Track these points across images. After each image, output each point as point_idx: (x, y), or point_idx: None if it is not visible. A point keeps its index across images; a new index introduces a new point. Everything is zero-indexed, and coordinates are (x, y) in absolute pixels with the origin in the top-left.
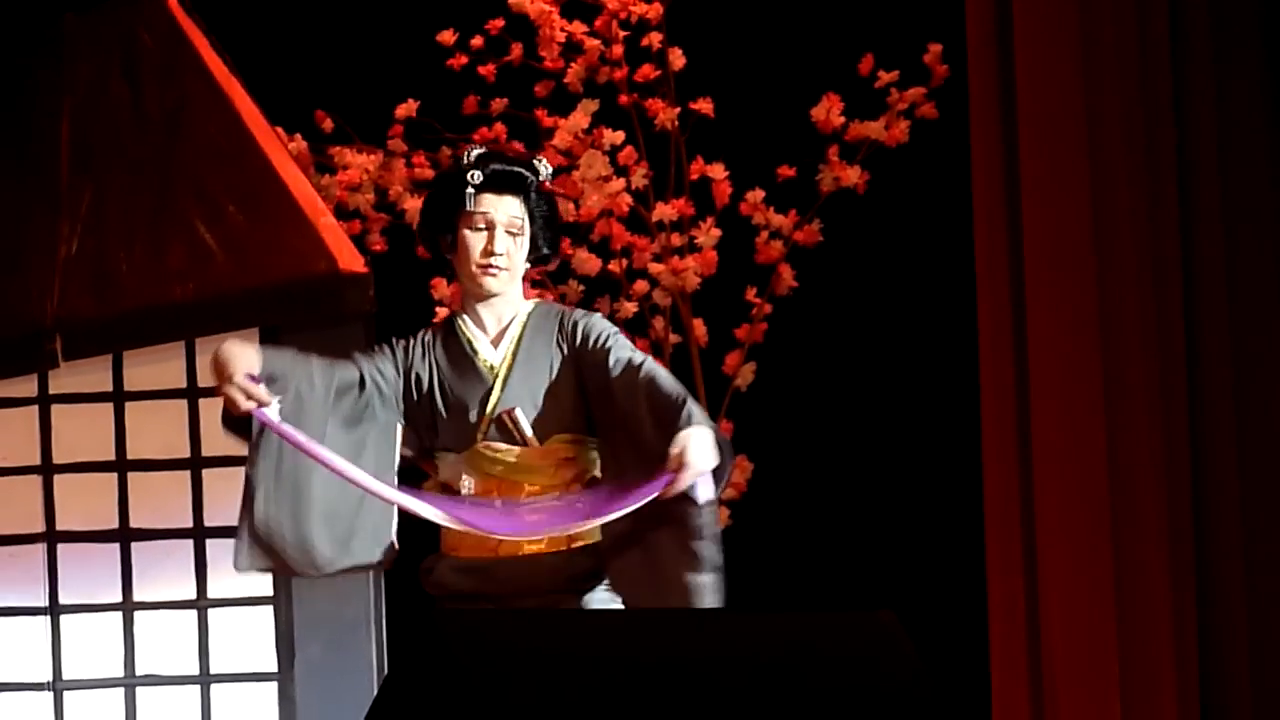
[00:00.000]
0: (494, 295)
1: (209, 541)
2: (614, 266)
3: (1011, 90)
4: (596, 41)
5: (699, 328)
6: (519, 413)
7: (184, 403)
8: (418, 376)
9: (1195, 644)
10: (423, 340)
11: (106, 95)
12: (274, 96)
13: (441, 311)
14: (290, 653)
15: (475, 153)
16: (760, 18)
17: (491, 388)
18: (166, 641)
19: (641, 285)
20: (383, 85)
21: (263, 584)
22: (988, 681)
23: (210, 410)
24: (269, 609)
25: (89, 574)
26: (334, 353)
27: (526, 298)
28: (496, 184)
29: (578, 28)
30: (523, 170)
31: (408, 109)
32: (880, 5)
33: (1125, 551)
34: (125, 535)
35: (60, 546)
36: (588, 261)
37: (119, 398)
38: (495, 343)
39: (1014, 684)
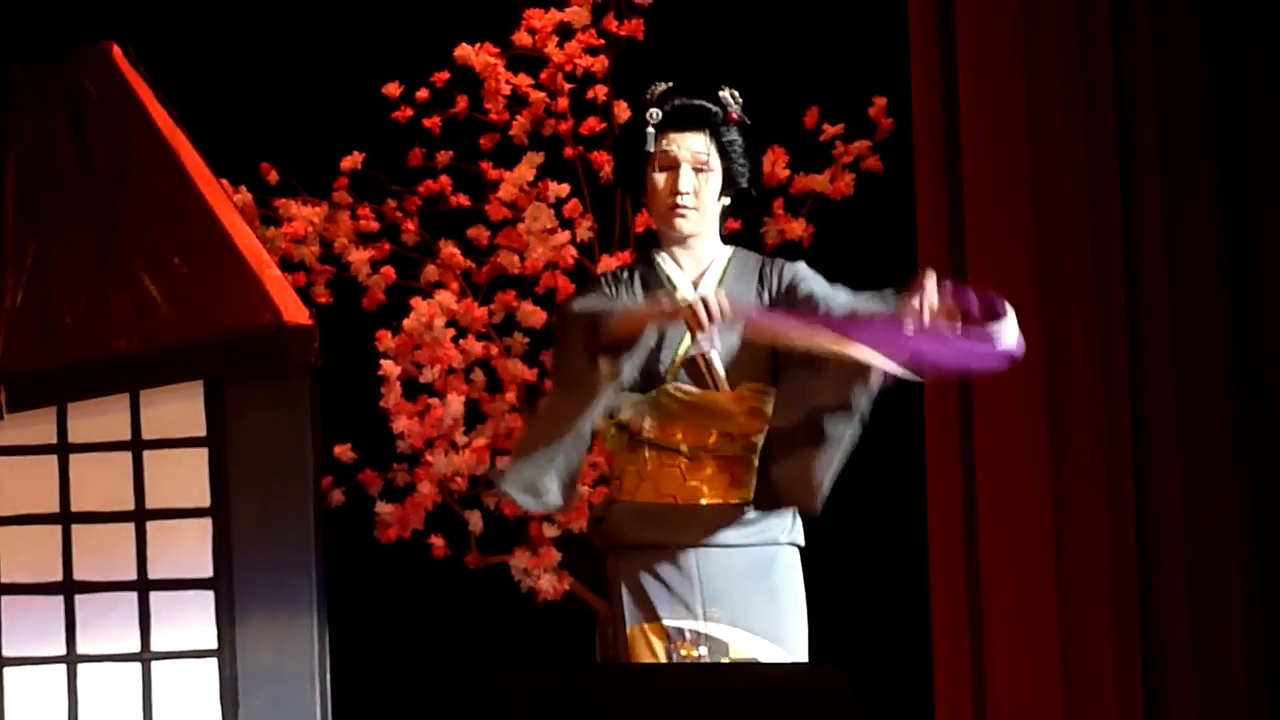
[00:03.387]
0: (689, 236)
1: (153, 594)
2: None
3: (956, 144)
4: (542, 94)
5: None
6: (714, 355)
7: (128, 455)
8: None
9: (1141, 705)
10: (622, 278)
11: (51, 147)
12: (219, 148)
13: (386, 364)
14: (234, 706)
15: (657, 90)
16: (704, 71)
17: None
18: (110, 695)
19: None
20: (328, 137)
21: (207, 637)
22: None
23: (154, 462)
24: (213, 662)
25: (33, 627)
26: (278, 406)
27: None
28: (679, 121)
29: (523, 80)
30: (705, 104)
31: (353, 161)
32: (825, 58)
33: (1071, 611)
34: (69, 588)
35: (4, 599)
36: (533, 314)
37: (63, 450)
38: (695, 284)
39: None
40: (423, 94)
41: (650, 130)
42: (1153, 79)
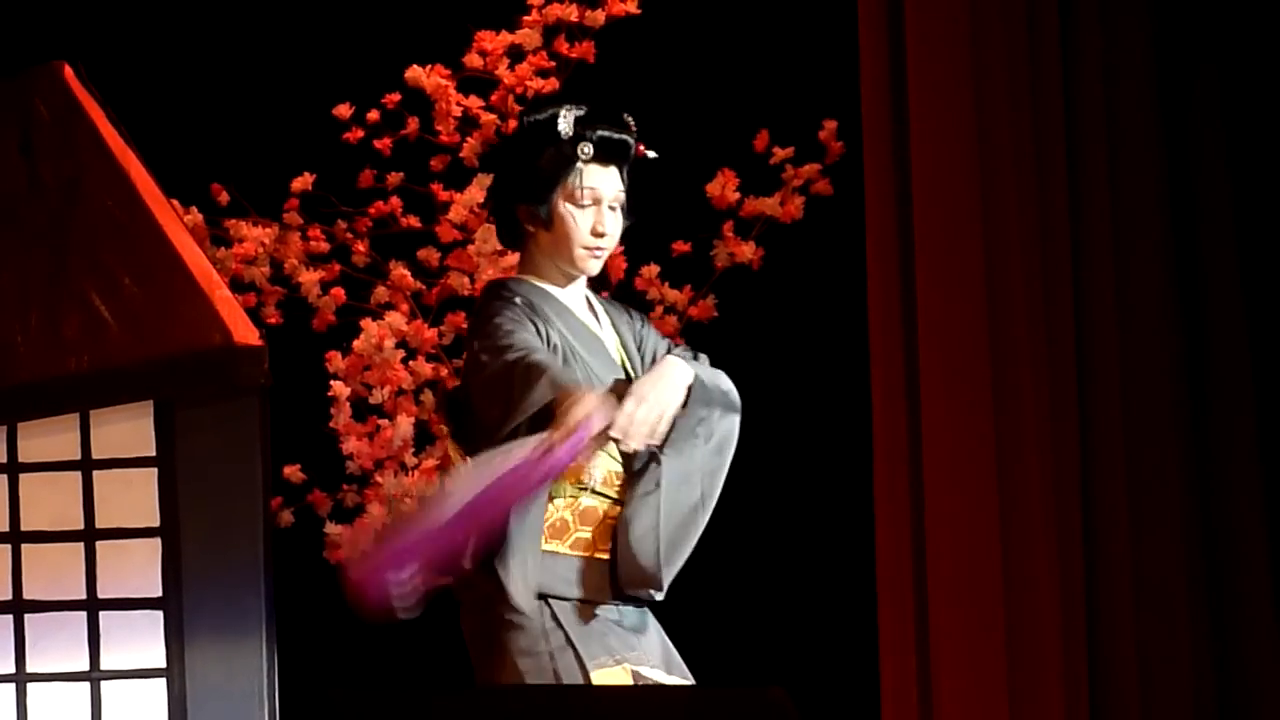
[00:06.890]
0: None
1: (102, 614)
2: None
3: (906, 167)
4: (492, 116)
5: None
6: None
7: (78, 475)
8: (555, 347)
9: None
10: (531, 306)
11: (2, 166)
12: (170, 169)
13: (336, 385)
14: None
15: (575, 115)
16: (655, 94)
17: (621, 367)
18: (59, 714)
19: None
20: (279, 158)
21: (155, 656)
22: None
23: (104, 482)
24: (162, 681)
25: None
26: (228, 427)
27: None
28: (604, 155)
29: (474, 102)
30: (628, 139)
31: (304, 182)
32: (775, 82)
33: (1017, 629)
34: (19, 607)
35: None
36: None
37: (13, 469)
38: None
39: None
40: (374, 115)
41: (580, 165)
42: (1103, 104)
